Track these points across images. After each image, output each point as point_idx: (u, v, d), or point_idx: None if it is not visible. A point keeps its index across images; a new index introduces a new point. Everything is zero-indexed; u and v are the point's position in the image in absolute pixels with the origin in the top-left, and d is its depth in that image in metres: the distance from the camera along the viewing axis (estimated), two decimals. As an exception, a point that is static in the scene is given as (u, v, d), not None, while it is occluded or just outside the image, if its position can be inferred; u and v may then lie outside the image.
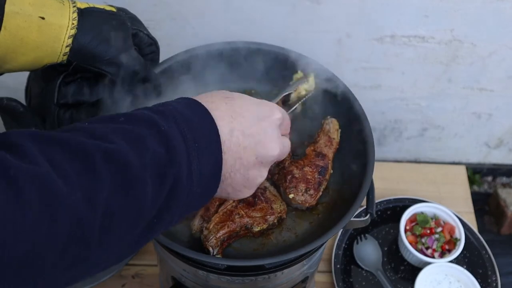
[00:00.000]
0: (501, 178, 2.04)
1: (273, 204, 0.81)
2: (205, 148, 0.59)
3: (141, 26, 0.81)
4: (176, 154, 0.55)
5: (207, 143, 0.59)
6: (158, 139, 0.55)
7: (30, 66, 0.71)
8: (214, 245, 0.77)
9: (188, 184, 0.57)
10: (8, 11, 0.65)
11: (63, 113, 0.76)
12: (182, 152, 0.56)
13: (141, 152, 0.53)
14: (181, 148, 0.56)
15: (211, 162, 0.60)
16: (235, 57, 0.95)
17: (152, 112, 0.58)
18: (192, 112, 0.60)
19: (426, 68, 1.48)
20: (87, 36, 0.72)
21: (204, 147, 0.59)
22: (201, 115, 0.61)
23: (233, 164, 0.63)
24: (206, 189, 0.61)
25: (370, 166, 0.83)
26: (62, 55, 0.71)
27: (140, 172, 0.52)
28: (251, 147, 0.64)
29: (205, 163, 0.59)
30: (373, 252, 1.34)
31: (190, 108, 0.60)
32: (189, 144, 0.57)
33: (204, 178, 0.59)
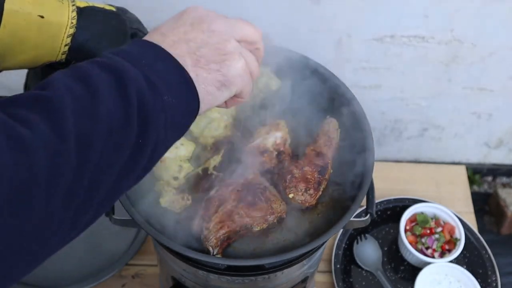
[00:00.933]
0: (501, 178, 2.04)
1: (273, 204, 0.81)
2: (152, 58, 0.57)
3: (141, 26, 0.81)
4: (124, 73, 0.54)
5: (150, 54, 0.57)
6: (102, 69, 0.54)
7: (29, 64, 0.71)
8: (214, 245, 0.77)
9: (158, 96, 0.55)
10: (8, 9, 0.65)
11: None
12: (131, 70, 0.54)
13: (88, 82, 0.52)
14: (129, 69, 0.54)
15: (166, 65, 0.57)
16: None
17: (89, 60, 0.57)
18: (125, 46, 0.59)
19: (426, 68, 1.48)
20: (86, 35, 0.72)
21: (150, 58, 0.57)
22: (132, 43, 0.60)
23: (188, 48, 0.60)
24: (184, 96, 0.58)
25: (370, 166, 0.83)
26: (61, 54, 0.71)
27: (94, 97, 0.51)
28: (189, 29, 0.61)
29: (161, 69, 0.56)
30: (373, 252, 1.34)
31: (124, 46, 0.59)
32: (136, 64, 0.55)
33: (172, 84, 0.56)
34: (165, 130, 0.56)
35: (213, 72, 0.60)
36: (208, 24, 0.62)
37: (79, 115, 0.49)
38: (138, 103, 0.53)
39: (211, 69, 0.60)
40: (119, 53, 0.57)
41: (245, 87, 0.65)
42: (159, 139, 0.56)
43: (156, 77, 0.55)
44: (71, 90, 0.51)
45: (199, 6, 0.65)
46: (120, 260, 1.28)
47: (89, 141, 0.49)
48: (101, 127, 0.50)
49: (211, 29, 0.62)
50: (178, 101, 0.57)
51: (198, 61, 0.59)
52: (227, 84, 0.62)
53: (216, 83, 0.61)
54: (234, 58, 0.62)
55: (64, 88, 0.50)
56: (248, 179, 0.83)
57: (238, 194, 0.80)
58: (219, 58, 0.61)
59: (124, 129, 0.52)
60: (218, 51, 0.61)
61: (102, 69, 0.54)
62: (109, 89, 0.52)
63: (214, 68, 0.60)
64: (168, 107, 0.56)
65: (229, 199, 0.80)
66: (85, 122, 0.49)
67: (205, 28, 0.62)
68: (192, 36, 0.60)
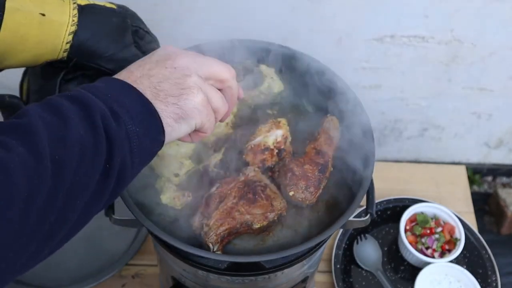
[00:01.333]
0: (501, 178, 2.04)
1: (273, 201, 0.81)
2: (116, 91, 0.61)
3: (141, 23, 0.81)
4: (90, 104, 0.57)
5: (115, 88, 0.61)
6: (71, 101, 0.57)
7: (30, 63, 0.71)
8: (215, 242, 0.77)
9: (122, 124, 0.58)
10: (9, 8, 0.65)
11: None
12: (96, 102, 0.58)
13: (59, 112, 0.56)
14: (94, 100, 0.58)
15: (129, 97, 0.61)
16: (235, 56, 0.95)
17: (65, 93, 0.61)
18: (95, 82, 0.63)
19: (426, 68, 1.48)
20: (87, 33, 0.72)
21: (114, 91, 0.61)
22: (101, 80, 0.63)
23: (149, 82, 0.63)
24: (148, 125, 0.61)
25: (370, 165, 0.83)
26: (63, 51, 0.71)
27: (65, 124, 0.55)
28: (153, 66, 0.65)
29: (124, 100, 0.60)
30: (373, 252, 1.34)
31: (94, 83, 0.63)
32: (100, 96, 0.59)
33: (134, 112, 0.60)
34: (131, 156, 0.59)
35: (171, 105, 0.63)
36: (172, 61, 0.66)
37: (52, 140, 0.53)
38: (105, 131, 0.57)
39: (169, 102, 0.63)
40: (87, 88, 0.61)
41: (205, 122, 0.67)
42: (126, 165, 0.59)
43: (119, 108, 0.59)
44: (44, 118, 0.55)
45: (169, 46, 0.69)
46: (120, 260, 1.28)
47: (63, 163, 0.53)
48: (73, 150, 0.54)
49: (174, 65, 0.65)
50: (142, 130, 0.60)
51: (157, 95, 0.63)
52: (184, 116, 0.64)
53: (173, 116, 0.64)
54: (192, 92, 0.65)
55: (37, 116, 0.54)
56: (248, 177, 0.83)
57: (238, 191, 0.81)
58: (177, 92, 0.64)
59: (93, 153, 0.56)
60: (177, 85, 0.64)
61: (70, 101, 0.57)
62: (78, 118, 0.56)
63: (171, 101, 0.63)
64: (133, 135, 0.59)
65: (230, 196, 0.80)
66: (59, 145, 0.53)
67: (168, 64, 0.65)
68: (155, 72, 0.64)
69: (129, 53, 0.76)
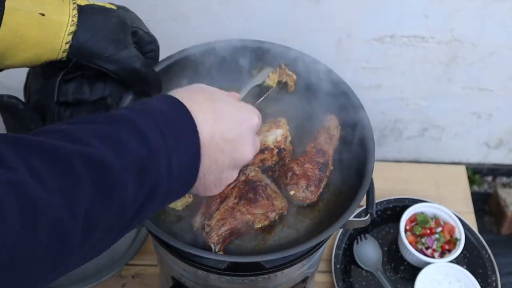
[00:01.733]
0: (501, 178, 2.04)
1: (274, 201, 0.81)
2: (185, 149, 0.60)
3: (141, 24, 0.81)
4: (156, 153, 0.56)
5: (186, 144, 0.60)
6: (137, 139, 0.55)
7: (30, 63, 0.71)
8: (216, 242, 0.77)
9: (168, 181, 0.58)
10: (8, 8, 0.65)
11: (63, 111, 0.76)
12: (161, 151, 0.56)
13: (120, 154, 0.53)
14: (160, 147, 0.57)
15: (190, 164, 0.61)
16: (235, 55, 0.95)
17: (131, 111, 0.58)
18: (174, 112, 0.61)
19: (426, 68, 1.48)
20: (87, 33, 0.72)
21: (183, 147, 0.60)
22: (182, 115, 0.61)
23: (209, 165, 0.65)
24: (182, 186, 0.63)
25: (370, 165, 0.83)
26: (62, 52, 0.71)
27: (120, 175, 0.52)
28: (227, 151, 0.66)
29: (184, 163, 0.60)
30: (373, 252, 1.34)
31: (171, 108, 0.61)
32: (169, 143, 0.57)
33: (182, 175, 0.60)
34: (157, 207, 0.60)
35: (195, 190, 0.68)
36: (241, 157, 0.70)
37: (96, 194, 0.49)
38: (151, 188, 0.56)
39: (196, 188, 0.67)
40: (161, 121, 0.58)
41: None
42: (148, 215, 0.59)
43: (176, 163, 0.58)
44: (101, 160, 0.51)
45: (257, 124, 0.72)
46: (120, 260, 1.28)
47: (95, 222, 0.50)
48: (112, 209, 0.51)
49: (236, 163, 0.70)
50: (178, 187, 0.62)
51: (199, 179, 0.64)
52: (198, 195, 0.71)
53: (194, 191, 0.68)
54: (215, 192, 0.72)
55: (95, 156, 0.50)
56: (249, 177, 0.83)
57: (239, 191, 0.80)
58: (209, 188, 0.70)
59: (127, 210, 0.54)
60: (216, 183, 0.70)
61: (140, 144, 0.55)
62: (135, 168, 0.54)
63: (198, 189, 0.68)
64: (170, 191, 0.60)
65: (231, 196, 0.80)
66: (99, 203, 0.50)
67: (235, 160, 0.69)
68: (220, 160, 0.66)
69: (128, 53, 0.76)
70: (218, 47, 0.95)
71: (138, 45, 0.80)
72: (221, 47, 0.95)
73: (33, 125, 0.77)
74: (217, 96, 0.68)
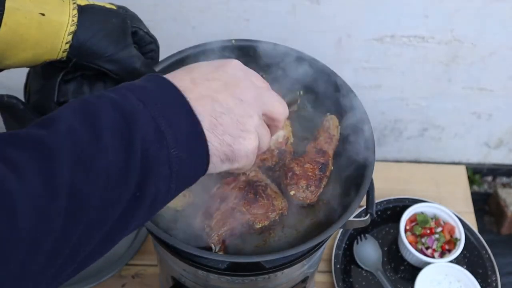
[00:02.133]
0: (501, 178, 2.04)
1: (274, 201, 0.81)
2: (169, 104, 0.54)
3: (141, 24, 0.81)
4: (134, 117, 0.51)
5: (169, 99, 0.55)
6: (113, 108, 0.51)
7: (29, 62, 0.71)
8: (216, 242, 0.77)
9: (163, 148, 0.52)
10: (9, 7, 0.65)
11: None
12: (142, 114, 0.52)
13: (94, 123, 0.49)
14: (139, 110, 0.52)
15: (183, 118, 0.55)
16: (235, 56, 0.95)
17: (104, 91, 0.55)
18: (145, 79, 0.57)
19: (426, 68, 1.48)
20: (87, 33, 0.71)
21: (167, 103, 0.54)
22: (154, 78, 0.57)
23: (212, 109, 0.57)
24: (194, 150, 0.55)
25: (370, 166, 0.83)
26: (62, 51, 0.71)
27: (96, 144, 0.48)
28: (221, 89, 0.59)
29: (176, 120, 0.54)
30: (373, 252, 1.34)
31: (142, 79, 0.57)
32: (149, 106, 0.53)
33: (182, 136, 0.54)
34: (168, 183, 0.54)
35: (225, 145, 0.58)
36: (241, 90, 0.60)
37: (76, 165, 0.47)
38: (142, 156, 0.51)
39: (224, 141, 0.58)
40: (136, 89, 0.54)
41: (246, 166, 0.62)
42: (159, 193, 0.53)
43: (167, 127, 0.53)
44: (74, 132, 0.48)
45: (239, 64, 0.64)
46: (120, 260, 1.28)
47: (81, 199, 0.47)
48: (98, 181, 0.48)
49: (241, 97, 0.60)
50: (186, 156, 0.54)
51: (215, 127, 0.57)
52: (232, 159, 0.60)
53: (223, 156, 0.59)
54: (250, 138, 0.60)
55: (66, 129, 0.48)
56: (249, 177, 0.83)
57: (239, 191, 0.81)
58: (236, 132, 0.59)
59: (120, 184, 0.49)
60: (238, 124, 0.59)
61: (113, 107, 0.51)
62: (114, 136, 0.50)
63: (227, 140, 0.58)
64: (174, 161, 0.53)
65: (231, 196, 0.80)
66: (82, 174, 0.47)
67: (237, 93, 0.60)
68: (222, 97, 0.58)
69: (128, 53, 0.76)
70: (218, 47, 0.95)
71: (138, 45, 0.80)
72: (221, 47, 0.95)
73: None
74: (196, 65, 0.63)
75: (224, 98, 0.58)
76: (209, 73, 0.60)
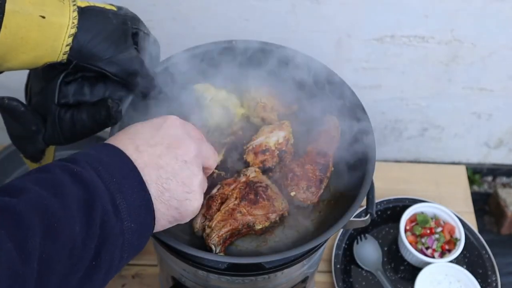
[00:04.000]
0: (501, 178, 2.04)
1: (275, 202, 0.81)
2: (124, 177, 0.58)
3: (142, 25, 0.80)
4: (95, 192, 0.55)
5: (124, 171, 0.59)
6: (74, 181, 0.55)
7: (30, 65, 0.71)
8: (217, 243, 0.77)
9: (119, 221, 0.56)
10: (9, 10, 0.65)
11: (64, 113, 0.76)
12: (100, 188, 0.56)
13: (60, 194, 0.53)
14: (99, 186, 0.56)
15: (135, 190, 0.59)
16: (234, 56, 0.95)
17: (64, 160, 0.58)
18: (100, 151, 0.60)
19: (426, 68, 1.48)
20: (87, 35, 0.71)
21: (122, 176, 0.58)
22: (108, 150, 0.61)
23: (157, 176, 0.61)
24: (143, 220, 0.60)
25: (371, 166, 0.83)
26: (62, 54, 0.71)
27: (63, 214, 0.52)
28: (164, 153, 0.62)
29: (129, 192, 0.58)
30: (373, 252, 1.34)
31: (97, 149, 0.61)
32: (106, 181, 0.57)
33: (135, 209, 0.58)
34: (121, 253, 0.57)
35: (172, 210, 0.62)
36: (184, 151, 0.63)
37: (46, 234, 0.50)
38: (101, 226, 0.54)
39: (171, 206, 0.62)
40: (93, 161, 0.58)
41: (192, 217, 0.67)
42: (114, 261, 0.57)
43: (122, 201, 0.57)
44: (43, 200, 0.52)
45: (176, 120, 0.67)
46: (120, 260, 1.28)
47: (50, 265, 0.50)
48: (64, 250, 0.51)
49: (185, 158, 0.63)
50: (136, 227, 0.58)
51: (162, 194, 0.61)
52: (179, 219, 0.65)
53: (170, 219, 0.63)
54: (196, 198, 0.65)
55: (36, 201, 0.51)
56: (249, 178, 0.83)
57: (240, 192, 0.81)
58: (182, 195, 0.63)
59: (82, 252, 0.53)
60: (184, 187, 0.63)
61: (74, 179, 0.55)
62: (78, 207, 0.53)
63: (174, 205, 0.62)
64: (127, 232, 0.57)
65: (231, 197, 0.80)
66: (50, 242, 0.50)
67: (179, 155, 0.63)
68: (165, 162, 0.62)
69: (129, 55, 0.75)
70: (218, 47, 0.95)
71: (139, 47, 0.80)
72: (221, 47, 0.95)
73: (34, 126, 0.77)
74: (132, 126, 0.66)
75: (168, 162, 0.62)
76: (151, 138, 0.63)
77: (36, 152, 0.80)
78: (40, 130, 0.77)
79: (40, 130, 0.77)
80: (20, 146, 0.81)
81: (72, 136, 0.77)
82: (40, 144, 0.78)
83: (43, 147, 0.79)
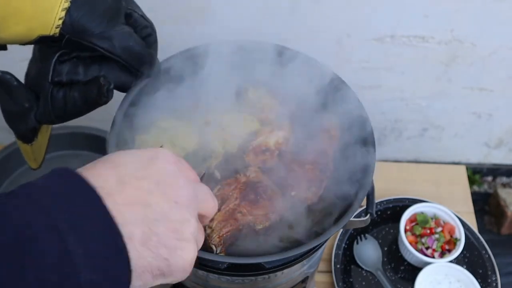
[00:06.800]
0: (501, 178, 2.04)
1: (275, 202, 0.81)
2: (83, 215, 0.44)
3: (136, 7, 0.80)
4: (31, 235, 0.41)
5: (83, 207, 0.44)
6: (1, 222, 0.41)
7: (22, 37, 0.71)
8: (218, 244, 0.77)
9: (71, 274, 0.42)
10: None
11: (57, 92, 0.76)
12: (40, 231, 0.41)
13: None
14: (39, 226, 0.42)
15: (99, 231, 0.44)
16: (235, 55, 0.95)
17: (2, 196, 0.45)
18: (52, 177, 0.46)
19: (426, 68, 1.48)
20: (80, 9, 0.71)
21: (78, 212, 0.44)
22: (63, 176, 0.46)
23: (144, 215, 0.48)
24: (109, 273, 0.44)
25: (371, 166, 0.83)
26: (55, 27, 0.70)
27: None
28: (153, 189, 0.49)
29: (89, 235, 0.43)
30: (373, 252, 1.34)
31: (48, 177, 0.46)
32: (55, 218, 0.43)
33: (98, 256, 0.44)
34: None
35: (160, 259, 0.49)
36: (176, 191, 0.51)
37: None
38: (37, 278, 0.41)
39: (159, 254, 0.48)
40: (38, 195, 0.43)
41: (181, 279, 0.53)
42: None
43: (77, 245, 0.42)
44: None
45: (170, 155, 0.54)
46: (120, 260, 1.28)
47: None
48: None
49: (176, 199, 0.51)
50: (100, 279, 0.44)
51: (149, 238, 0.47)
52: (167, 274, 0.50)
53: (156, 271, 0.49)
54: (189, 248, 0.51)
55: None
56: (249, 178, 0.83)
57: (240, 192, 0.81)
58: (172, 242, 0.49)
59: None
60: (175, 233, 0.50)
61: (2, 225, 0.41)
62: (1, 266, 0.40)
63: (162, 254, 0.49)
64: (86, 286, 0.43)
65: (231, 197, 0.80)
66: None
67: (171, 195, 0.50)
68: (154, 201, 0.49)
69: (121, 30, 0.75)
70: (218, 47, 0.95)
71: (134, 29, 0.79)
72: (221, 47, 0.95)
73: (27, 103, 0.77)
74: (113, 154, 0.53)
75: (157, 201, 0.49)
76: (138, 170, 0.50)
77: (28, 131, 0.80)
78: (32, 107, 0.77)
79: (32, 108, 0.77)
80: (12, 125, 0.81)
81: (64, 114, 0.77)
82: (31, 122, 0.78)
83: (35, 125, 0.79)
